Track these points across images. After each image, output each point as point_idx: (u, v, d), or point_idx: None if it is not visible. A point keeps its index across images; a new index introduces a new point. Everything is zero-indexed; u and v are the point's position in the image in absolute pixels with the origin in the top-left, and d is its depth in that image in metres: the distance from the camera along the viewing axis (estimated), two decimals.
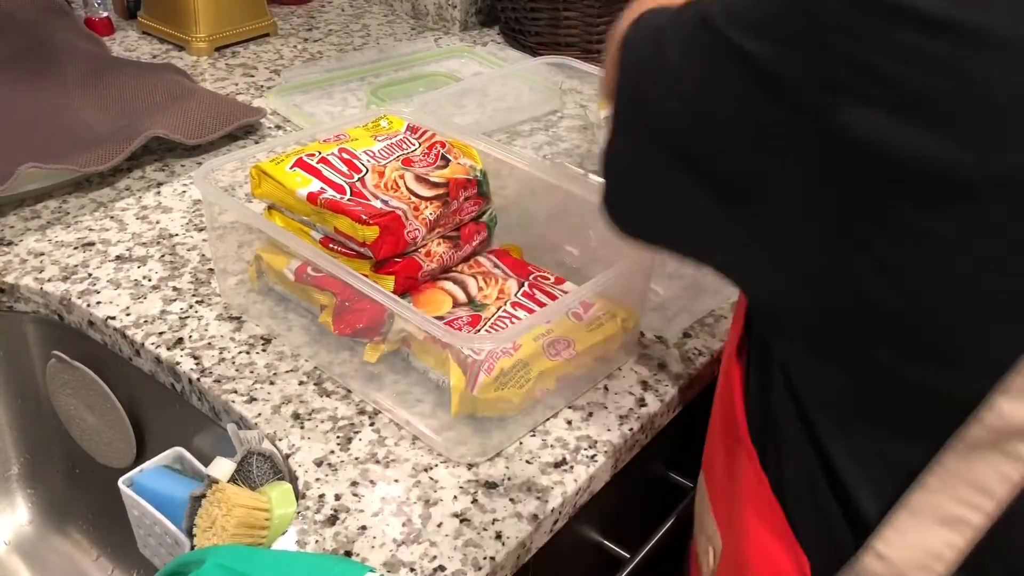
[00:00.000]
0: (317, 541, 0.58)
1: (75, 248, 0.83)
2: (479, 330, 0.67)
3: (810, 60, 0.42)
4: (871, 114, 0.40)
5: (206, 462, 0.62)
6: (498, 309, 0.70)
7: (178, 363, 0.70)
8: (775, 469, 0.55)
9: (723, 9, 0.46)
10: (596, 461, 0.65)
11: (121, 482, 0.65)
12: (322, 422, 0.66)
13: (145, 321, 0.74)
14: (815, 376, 0.50)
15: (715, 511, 0.62)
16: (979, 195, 0.40)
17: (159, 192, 0.92)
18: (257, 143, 1.01)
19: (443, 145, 0.77)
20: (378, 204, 0.69)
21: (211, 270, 0.80)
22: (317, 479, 0.62)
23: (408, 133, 0.78)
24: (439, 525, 0.59)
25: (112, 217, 0.87)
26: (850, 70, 0.41)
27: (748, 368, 0.58)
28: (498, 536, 0.59)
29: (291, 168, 0.71)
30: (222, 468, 0.61)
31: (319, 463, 0.63)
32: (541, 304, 0.70)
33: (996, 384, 0.42)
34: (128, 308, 0.76)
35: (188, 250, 0.83)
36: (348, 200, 0.69)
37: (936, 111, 0.39)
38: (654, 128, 0.51)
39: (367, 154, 0.74)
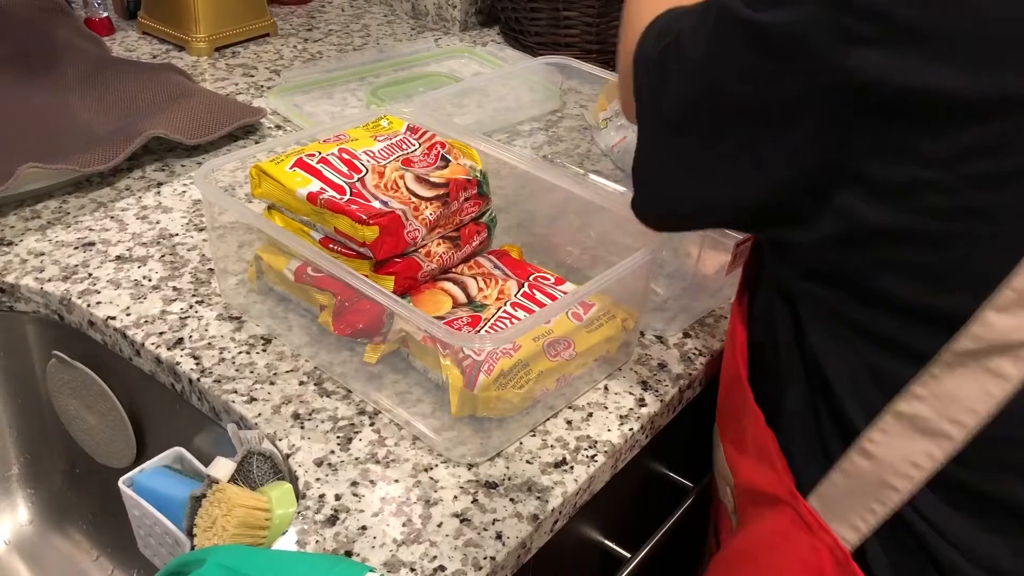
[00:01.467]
0: (317, 541, 0.58)
1: (75, 248, 0.83)
2: (479, 330, 0.67)
3: (821, 16, 0.45)
4: (876, 54, 0.44)
5: (206, 462, 0.62)
6: (498, 310, 0.70)
7: (178, 363, 0.70)
8: (770, 398, 0.60)
9: None
10: (596, 461, 0.65)
11: (121, 482, 0.65)
12: (322, 422, 0.66)
13: (145, 321, 0.74)
14: (816, 299, 0.54)
15: (726, 451, 0.67)
16: (976, 115, 0.44)
17: (159, 192, 0.92)
18: (257, 143, 1.01)
19: (443, 145, 0.77)
20: (378, 204, 0.69)
21: (211, 270, 0.80)
22: (317, 479, 0.62)
23: (408, 133, 0.78)
24: (439, 525, 0.59)
25: (112, 217, 0.87)
26: (858, 17, 0.44)
27: (752, 310, 0.63)
28: (498, 536, 0.59)
29: (291, 168, 0.71)
30: (222, 468, 0.61)
31: (319, 463, 0.63)
32: (541, 304, 0.70)
33: (986, 298, 0.46)
34: (128, 308, 0.76)
35: (188, 250, 0.83)
36: (348, 200, 0.69)
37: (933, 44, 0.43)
38: (678, 116, 0.54)
39: (367, 154, 0.74)
